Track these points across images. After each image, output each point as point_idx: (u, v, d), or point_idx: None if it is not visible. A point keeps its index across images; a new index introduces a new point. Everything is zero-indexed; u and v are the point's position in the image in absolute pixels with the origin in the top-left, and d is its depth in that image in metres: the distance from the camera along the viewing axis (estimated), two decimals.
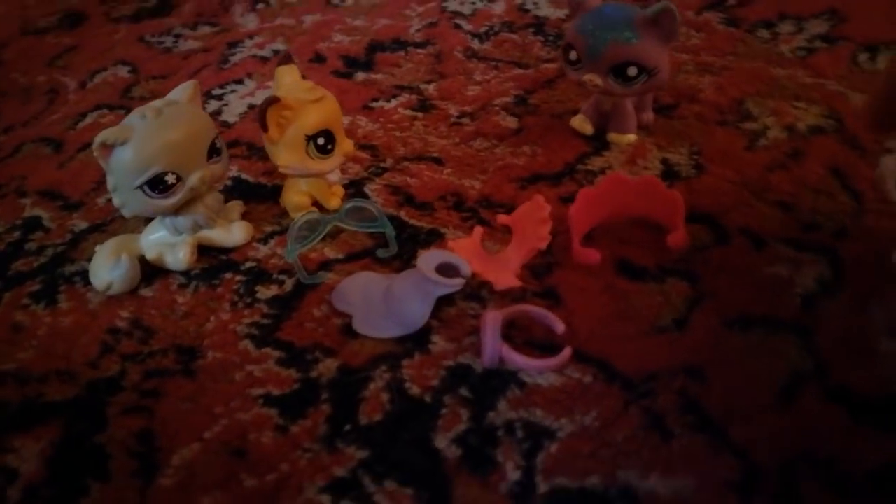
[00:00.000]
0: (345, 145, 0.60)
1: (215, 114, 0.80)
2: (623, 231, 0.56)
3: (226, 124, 0.78)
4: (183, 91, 0.57)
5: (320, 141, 0.57)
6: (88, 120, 0.84)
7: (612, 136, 0.65)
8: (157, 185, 0.54)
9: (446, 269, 0.50)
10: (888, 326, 0.46)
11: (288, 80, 0.59)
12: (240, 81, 0.85)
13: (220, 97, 0.83)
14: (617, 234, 0.56)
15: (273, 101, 0.55)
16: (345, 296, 0.53)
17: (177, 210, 0.57)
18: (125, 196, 0.55)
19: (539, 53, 0.81)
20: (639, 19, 0.57)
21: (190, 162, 0.55)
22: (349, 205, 0.58)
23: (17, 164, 0.78)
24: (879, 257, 0.50)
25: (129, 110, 0.83)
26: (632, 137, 0.64)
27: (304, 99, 0.57)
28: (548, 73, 0.77)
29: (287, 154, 0.58)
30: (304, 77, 0.61)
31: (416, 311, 0.50)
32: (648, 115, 0.65)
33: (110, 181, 0.54)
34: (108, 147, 0.53)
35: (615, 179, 0.55)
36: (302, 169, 0.58)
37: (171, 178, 0.54)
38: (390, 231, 0.57)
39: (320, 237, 0.58)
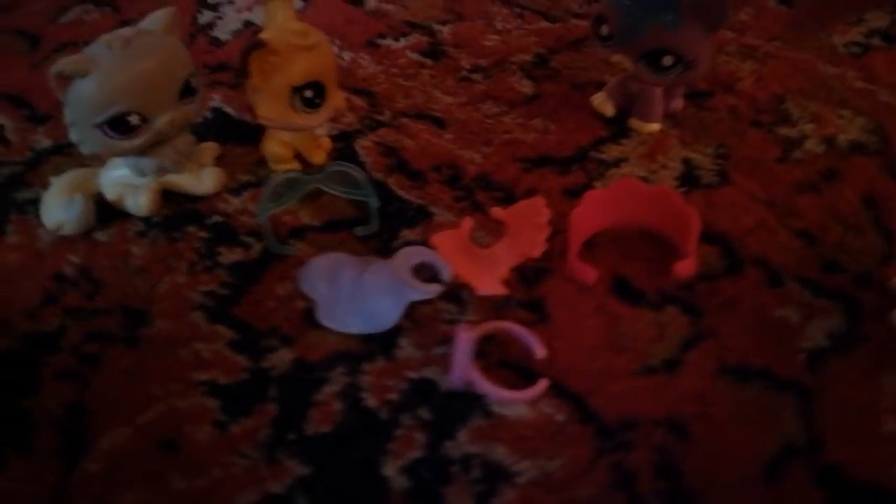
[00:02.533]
0: (335, 99, 0.54)
1: (207, 27, 0.73)
2: (627, 242, 0.51)
3: (216, 41, 0.71)
4: (158, 19, 0.50)
5: (308, 94, 0.51)
6: (70, 15, 0.77)
7: (635, 123, 0.59)
8: (118, 125, 0.48)
9: (425, 270, 0.45)
10: None
11: (280, 18, 0.53)
12: None
13: (215, 7, 0.76)
14: (620, 244, 0.51)
15: (258, 44, 0.49)
16: (312, 278, 0.48)
17: (141, 151, 0.51)
18: (83, 133, 0.49)
19: (570, 5, 0.74)
20: (686, 1, 0.50)
21: (158, 102, 0.49)
22: (333, 167, 0.53)
23: None
24: None
25: (115, 9, 0.77)
26: (655, 127, 0.58)
27: (295, 44, 0.50)
28: (576, 31, 0.70)
29: (269, 105, 0.52)
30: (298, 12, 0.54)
31: (386, 311, 0.45)
32: (678, 103, 0.59)
33: (67, 115, 0.49)
34: (66, 78, 0.47)
35: (628, 185, 0.50)
36: (284, 123, 0.53)
37: (134, 119, 0.49)
38: (374, 202, 0.52)
39: (297, 197, 0.53)
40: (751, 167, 0.55)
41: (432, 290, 0.44)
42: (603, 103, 0.60)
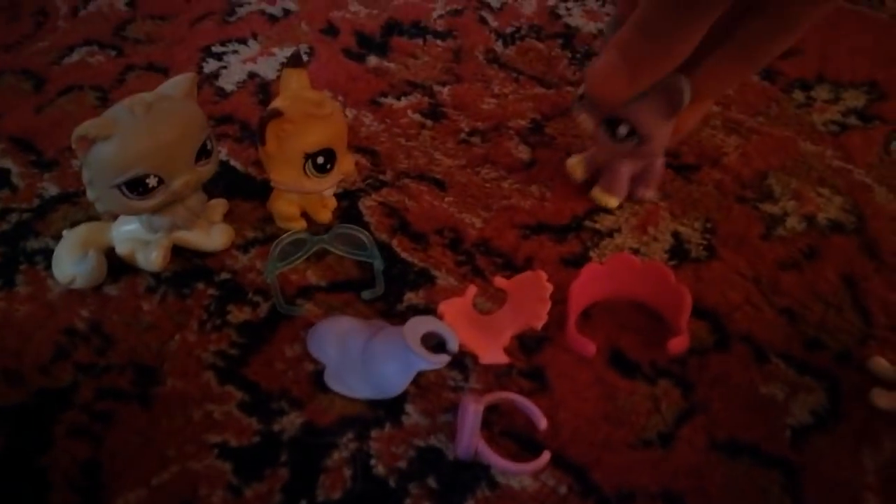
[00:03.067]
0: (345, 164, 0.56)
1: (212, 76, 0.74)
2: (622, 313, 0.53)
3: (221, 92, 0.73)
4: (179, 84, 0.52)
5: (319, 160, 0.53)
6: (75, 56, 0.78)
7: (596, 192, 0.61)
8: (136, 186, 0.50)
9: (432, 339, 0.47)
10: (877, 481, 0.44)
11: (294, 86, 0.55)
12: (243, 41, 0.79)
13: (219, 56, 0.78)
14: (616, 315, 0.53)
15: (275, 114, 0.51)
16: (320, 342, 0.50)
17: (156, 210, 0.53)
18: (100, 192, 0.50)
19: (564, 72, 0.77)
20: None
21: (176, 165, 0.51)
22: (339, 229, 0.55)
23: None
24: None
25: (120, 52, 0.78)
26: (613, 202, 0.61)
27: (310, 114, 0.52)
28: (569, 98, 0.73)
29: (281, 169, 0.54)
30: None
31: (394, 379, 0.47)
32: (647, 192, 0.61)
33: (85, 174, 0.50)
34: (88, 140, 0.48)
35: (624, 260, 0.52)
36: (296, 186, 0.55)
37: (152, 181, 0.50)
38: (378, 264, 0.53)
39: (303, 257, 0.54)
40: (737, 243, 0.58)
41: (440, 360, 0.46)
42: (576, 166, 0.62)
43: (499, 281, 0.52)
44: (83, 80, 0.74)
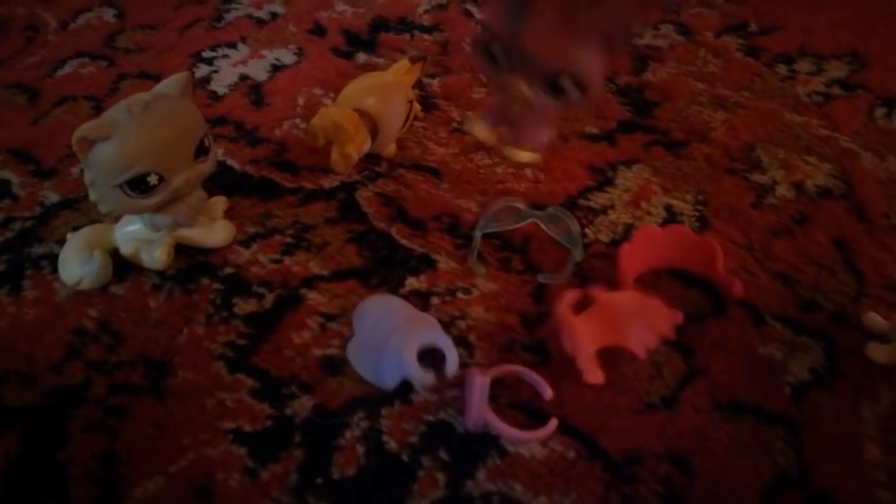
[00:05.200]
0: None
1: (203, 81, 0.75)
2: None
3: (214, 96, 0.74)
4: (175, 83, 0.53)
5: None
6: (67, 69, 0.79)
7: (513, 152, 0.55)
8: (137, 185, 0.50)
9: (434, 353, 0.48)
10: (877, 431, 0.46)
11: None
12: (233, 45, 0.81)
13: (210, 61, 0.79)
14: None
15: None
16: (363, 313, 0.52)
17: (158, 208, 0.53)
18: (102, 192, 0.51)
19: None
20: None
21: (175, 163, 0.52)
22: (555, 212, 0.58)
23: None
24: None
25: (111, 62, 0.79)
26: (536, 156, 0.58)
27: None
28: None
29: None
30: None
31: (387, 374, 0.48)
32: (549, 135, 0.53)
33: (88, 176, 0.51)
34: (88, 142, 0.49)
35: (648, 232, 0.54)
36: None
37: (153, 179, 0.51)
38: (577, 255, 0.56)
39: (516, 226, 0.58)
40: (729, 213, 0.59)
41: (424, 379, 0.46)
42: (477, 127, 0.52)
43: (595, 291, 0.49)
44: (77, 91, 0.75)
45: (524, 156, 0.56)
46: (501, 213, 0.53)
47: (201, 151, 0.53)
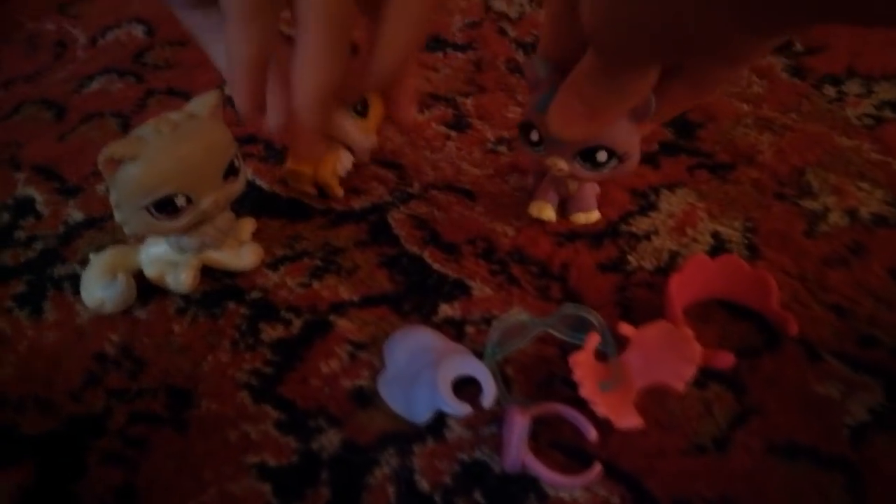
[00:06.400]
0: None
1: (230, 100, 0.74)
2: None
3: None
4: (205, 102, 0.51)
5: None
6: (95, 85, 0.78)
7: (580, 217, 0.59)
8: (165, 206, 0.49)
9: (469, 383, 0.45)
10: None
11: None
12: None
13: None
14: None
15: None
16: (394, 345, 0.49)
17: (185, 230, 0.52)
18: (128, 213, 0.49)
19: None
20: None
21: (204, 184, 0.50)
22: (566, 310, 0.50)
23: (14, 127, 0.73)
24: None
25: (139, 79, 0.78)
26: (597, 214, 0.59)
27: None
28: None
29: None
30: None
31: (420, 406, 0.45)
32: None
33: (113, 196, 0.49)
34: (115, 162, 0.47)
35: (699, 261, 0.51)
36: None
37: (181, 201, 0.49)
38: (611, 352, 0.48)
39: (526, 342, 0.50)
40: (780, 241, 0.56)
41: (461, 409, 0.43)
42: (544, 210, 0.58)
43: (625, 328, 0.47)
44: (104, 108, 0.74)
45: (592, 216, 0.59)
46: (507, 332, 0.49)
47: (230, 172, 0.52)
